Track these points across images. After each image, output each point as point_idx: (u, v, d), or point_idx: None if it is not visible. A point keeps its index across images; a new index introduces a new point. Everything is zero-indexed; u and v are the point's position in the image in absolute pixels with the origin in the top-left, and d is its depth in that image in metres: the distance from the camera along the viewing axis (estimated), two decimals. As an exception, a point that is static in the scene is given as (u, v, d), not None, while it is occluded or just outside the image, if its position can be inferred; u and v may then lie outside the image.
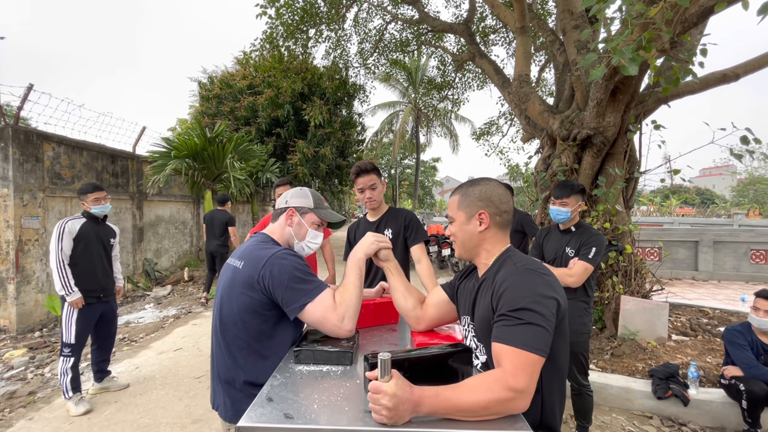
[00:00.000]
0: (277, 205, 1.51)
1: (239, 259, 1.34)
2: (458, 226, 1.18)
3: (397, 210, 2.32)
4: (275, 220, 1.49)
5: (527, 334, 0.95)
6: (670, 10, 2.43)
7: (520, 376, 0.91)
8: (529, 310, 0.96)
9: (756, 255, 8.14)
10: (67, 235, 2.94)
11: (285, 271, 1.23)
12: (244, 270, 1.28)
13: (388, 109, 23.95)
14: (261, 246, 1.34)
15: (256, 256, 1.29)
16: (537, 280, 1.03)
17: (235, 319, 1.28)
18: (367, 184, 2.16)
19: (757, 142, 2.90)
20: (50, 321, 5.22)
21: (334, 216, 1.52)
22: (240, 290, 1.27)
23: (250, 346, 1.28)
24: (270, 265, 1.24)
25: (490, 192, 1.15)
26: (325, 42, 8.24)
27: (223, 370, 1.32)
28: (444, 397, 0.88)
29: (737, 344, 2.64)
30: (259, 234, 1.45)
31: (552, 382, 1.05)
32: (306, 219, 1.46)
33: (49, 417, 2.90)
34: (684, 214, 27.80)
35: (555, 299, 1.00)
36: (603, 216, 3.96)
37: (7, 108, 7.80)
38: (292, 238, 1.46)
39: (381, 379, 0.87)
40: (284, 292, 1.22)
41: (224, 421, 1.35)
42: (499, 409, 0.89)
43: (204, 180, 7.04)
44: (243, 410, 1.19)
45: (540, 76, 8.70)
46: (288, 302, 1.22)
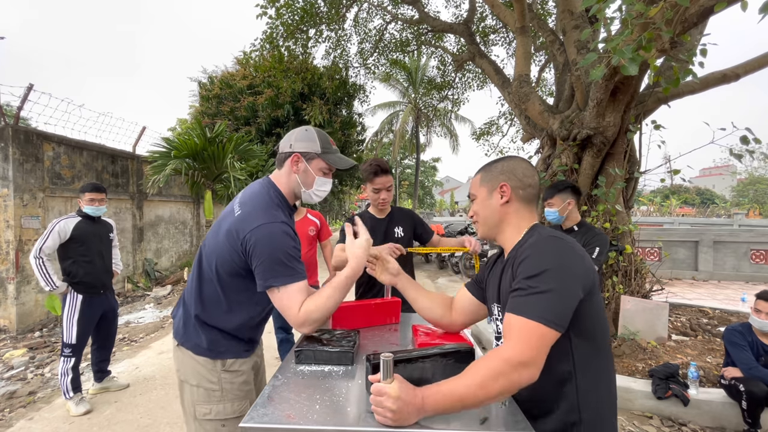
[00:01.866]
0: (281, 148, 1.38)
1: (239, 205, 1.27)
2: (480, 202, 1.12)
3: (401, 208, 2.32)
4: (280, 166, 1.37)
5: (538, 304, 0.87)
6: (670, 10, 2.43)
7: (519, 346, 0.84)
8: (545, 277, 0.88)
9: (756, 255, 8.14)
10: (55, 236, 2.90)
11: (270, 246, 1.17)
12: (237, 220, 1.22)
13: (388, 109, 23.93)
14: (263, 202, 1.26)
15: (252, 213, 1.21)
16: (561, 246, 0.94)
17: (210, 259, 1.27)
18: (385, 185, 2.13)
19: (757, 142, 2.90)
20: (50, 321, 5.22)
21: (344, 161, 1.40)
22: (225, 235, 1.23)
23: (215, 290, 1.27)
24: (260, 233, 1.17)
25: (514, 165, 1.10)
26: (325, 42, 8.24)
27: (188, 292, 1.34)
28: (446, 389, 0.85)
29: (737, 344, 2.64)
30: (265, 181, 1.37)
31: (589, 364, 0.94)
32: (313, 165, 1.34)
33: (49, 417, 2.90)
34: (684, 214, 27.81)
35: (581, 268, 0.92)
36: (603, 216, 3.96)
37: (7, 108, 7.79)
38: (298, 186, 1.35)
39: (384, 381, 0.86)
40: (259, 264, 1.17)
41: (173, 336, 1.36)
42: (501, 386, 0.82)
43: (204, 180, 7.03)
44: (189, 335, 1.30)
45: (540, 76, 8.69)
46: (259, 275, 1.19)
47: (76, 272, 2.98)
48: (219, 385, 1.28)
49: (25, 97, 5.04)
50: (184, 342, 1.31)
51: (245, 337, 1.35)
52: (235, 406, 1.29)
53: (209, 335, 1.29)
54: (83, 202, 3.04)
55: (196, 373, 1.28)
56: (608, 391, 1.00)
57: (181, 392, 1.34)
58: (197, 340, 1.29)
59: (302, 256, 3.43)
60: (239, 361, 1.32)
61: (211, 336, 1.29)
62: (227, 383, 1.29)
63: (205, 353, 1.28)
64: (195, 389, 1.28)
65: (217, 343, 1.29)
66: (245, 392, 1.32)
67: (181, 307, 1.38)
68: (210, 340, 1.28)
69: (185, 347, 1.31)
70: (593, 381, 0.95)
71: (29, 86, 5.05)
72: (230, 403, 1.28)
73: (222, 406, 1.27)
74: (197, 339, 1.29)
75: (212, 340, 1.29)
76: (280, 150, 1.38)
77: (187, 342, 1.30)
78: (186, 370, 1.30)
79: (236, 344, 1.32)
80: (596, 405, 0.95)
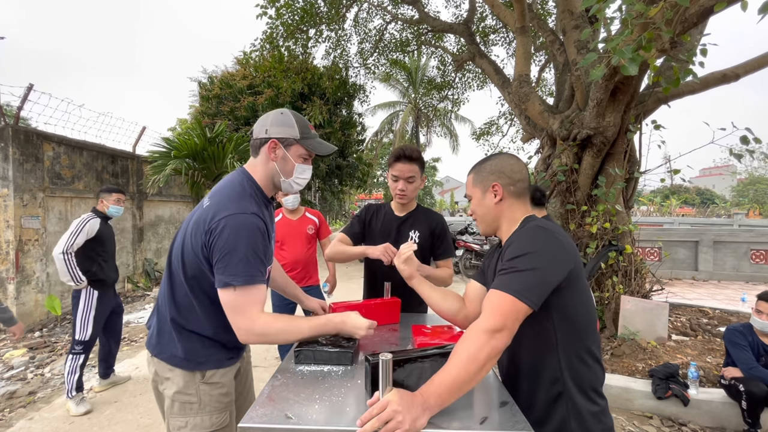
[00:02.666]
0: (255, 133, 1.26)
1: (209, 197, 1.18)
2: (476, 202, 1.20)
3: (428, 211, 1.99)
4: (255, 154, 1.26)
5: (515, 280, 0.96)
6: (670, 10, 2.43)
7: (492, 316, 0.93)
8: (525, 258, 0.98)
9: (756, 255, 8.14)
10: (84, 234, 2.98)
11: (235, 239, 1.07)
12: (205, 211, 1.13)
13: (388, 109, 23.93)
14: (234, 192, 1.16)
15: (220, 204, 1.12)
16: (544, 233, 1.03)
17: (177, 257, 1.18)
18: (405, 174, 1.81)
19: (757, 141, 2.90)
20: (50, 321, 5.22)
21: (325, 146, 1.30)
22: (193, 228, 1.14)
23: (185, 292, 1.17)
24: (226, 222, 1.07)
25: (501, 164, 1.17)
26: (325, 42, 8.24)
27: (161, 297, 1.24)
28: (439, 378, 0.89)
29: (738, 344, 2.64)
30: (238, 171, 1.27)
31: (569, 342, 1.03)
32: (291, 152, 1.24)
33: (49, 417, 2.90)
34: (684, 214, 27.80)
35: (561, 254, 1.00)
36: (603, 216, 3.96)
37: (7, 108, 7.80)
38: (277, 175, 1.25)
39: (384, 390, 0.86)
40: (220, 258, 1.07)
41: (146, 346, 1.26)
42: (486, 354, 0.89)
43: (204, 180, 7.03)
44: (164, 345, 1.20)
45: (540, 76, 8.70)
46: (217, 270, 1.08)
47: (95, 270, 3.06)
48: (197, 397, 1.18)
49: (25, 97, 5.04)
50: (158, 353, 1.21)
51: (226, 342, 1.22)
52: (214, 418, 1.19)
53: (186, 343, 1.18)
54: (108, 203, 3.17)
55: (171, 384, 1.18)
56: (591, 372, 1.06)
57: (158, 402, 1.27)
58: (173, 350, 1.18)
59: (301, 255, 3.38)
60: (220, 371, 1.22)
61: (188, 344, 1.18)
62: (206, 395, 1.19)
63: (182, 364, 1.17)
64: (169, 402, 1.19)
65: (195, 353, 1.18)
66: (225, 404, 1.23)
67: (155, 315, 1.27)
68: (187, 349, 1.18)
69: (160, 358, 1.20)
70: (571, 356, 1.03)
71: (29, 86, 5.05)
72: (208, 416, 1.18)
73: (200, 419, 1.18)
74: (173, 349, 1.18)
75: (189, 349, 1.18)
76: (255, 136, 1.26)
77: (162, 353, 1.20)
78: (161, 381, 1.21)
79: (217, 352, 1.21)
80: (577, 378, 1.03)
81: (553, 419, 1.03)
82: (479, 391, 1.05)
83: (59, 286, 5.54)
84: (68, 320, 5.39)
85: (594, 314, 1.11)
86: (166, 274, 1.23)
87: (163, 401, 1.23)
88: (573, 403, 1.02)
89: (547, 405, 1.04)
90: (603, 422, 1.05)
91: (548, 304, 1.00)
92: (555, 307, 1.01)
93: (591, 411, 1.03)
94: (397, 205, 1.97)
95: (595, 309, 1.10)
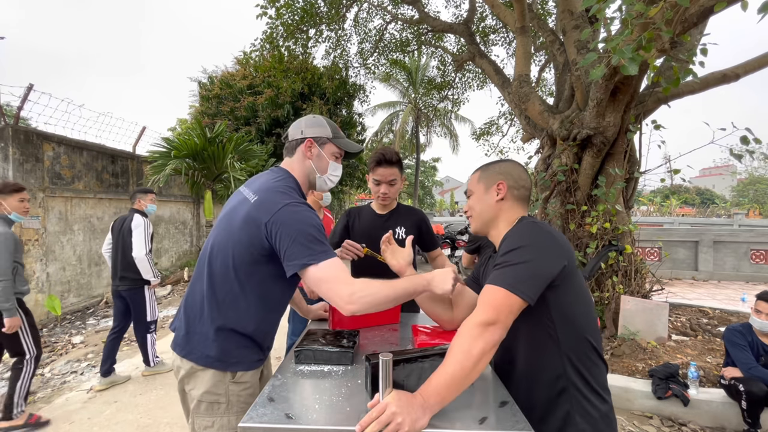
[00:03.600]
0: (291, 136, 1.34)
1: (254, 192, 1.20)
2: (477, 197, 1.20)
3: (409, 208, 2.09)
4: (290, 154, 1.33)
5: (508, 274, 0.97)
6: (670, 10, 2.43)
7: (485, 310, 0.93)
8: (519, 252, 0.98)
9: (756, 255, 8.14)
10: (149, 233, 3.46)
11: (299, 224, 1.11)
12: (255, 206, 1.15)
13: (388, 109, 23.92)
14: (281, 186, 1.20)
15: (272, 197, 1.15)
16: (538, 229, 1.05)
17: (225, 253, 1.18)
18: (387, 178, 1.89)
19: (757, 142, 2.90)
20: (50, 321, 5.22)
21: (354, 145, 1.41)
22: (242, 224, 1.16)
23: (232, 288, 1.18)
24: (285, 213, 1.11)
25: (510, 168, 1.20)
26: (325, 42, 8.24)
27: (193, 300, 1.23)
28: (436, 376, 0.89)
29: (737, 344, 2.64)
30: (277, 169, 1.32)
31: (571, 339, 1.04)
32: (325, 150, 1.33)
33: (49, 417, 2.90)
34: (684, 214, 27.82)
35: (555, 250, 1.00)
36: (603, 216, 3.96)
37: (7, 108, 7.79)
38: (313, 172, 1.33)
39: (384, 391, 0.86)
40: (290, 244, 1.09)
41: (173, 348, 1.26)
42: (480, 347, 0.89)
43: (204, 180, 7.03)
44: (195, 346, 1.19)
45: (540, 76, 8.70)
46: (290, 256, 1.09)
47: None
48: (225, 397, 1.19)
49: (25, 97, 5.04)
50: (188, 354, 1.21)
51: (262, 341, 1.27)
52: (240, 418, 1.23)
53: (223, 343, 1.19)
54: (146, 202, 3.62)
55: (201, 384, 1.19)
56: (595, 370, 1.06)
57: (182, 402, 1.29)
58: (205, 350, 1.19)
59: None
60: (249, 373, 1.23)
61: (224, 344, 1.19)
62: (234, 396, 1.20)
63: (214, 364, 1.19)
64: (196, 402, 1.20)
65: (229, 353, 1.19)
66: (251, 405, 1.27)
67: (182, 317, 1.27)
68: (222, 350, 1.19)
69: (189, 359, 1.21)
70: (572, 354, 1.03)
71: (29, 86, 5.05)
72: (235, 417, 1.19)
73: (227, 419, 1.19)
74: (205, 349, 1.19)
75: (225, 349, 1.19)
76: (290, 138, 1.34)
77: (192, 353, 1.20)
78: (189, 380, 1.22)
79: (250, 353, 1.23)
80: (583, 373, 1.03)
81: (557, 415, 1.03)
82: (479, 391, 1.05)
83: (59, 286, 5.54)
84: (68, 320, 5.39)
85: (593, 310, 1.12)
86: (206, 276, 1.21)
87: (187, 402, 1.24)
88: (578, 398, 1.02)
89: (550, 401, 1.04)
90: (609, 417, 1.05)
91: (546, 302, 1.00)
92: (553, 305, 1.02)
93: (597, 406, 1.03)
94: (379, 205, 2.05)
95: (594, 305, 1.11)
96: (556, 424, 1.03)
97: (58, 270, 5.54)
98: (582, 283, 1.08)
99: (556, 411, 1.03)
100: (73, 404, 3.08)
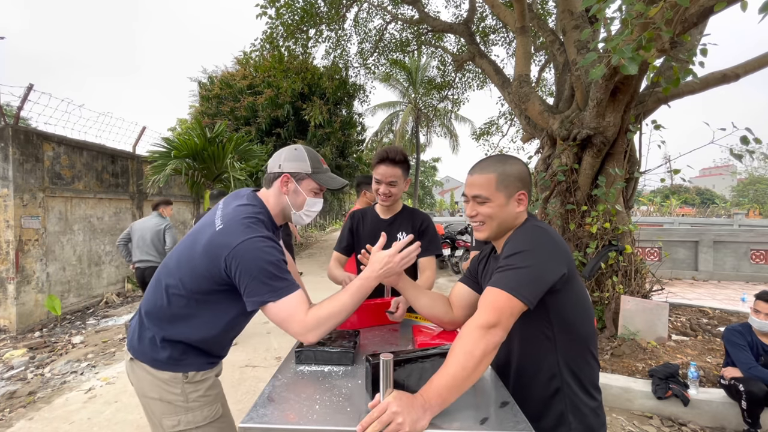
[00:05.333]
0: (270, 168, 1.32)
1: (221, 218, 1.19)
2: (497, 207, 1.11)
3: (413, 211, 2.00)
4: (268, 185, 1.32)
5: (510, 277, 0.97)
6: (670, 10, 2.43)
7: (486, 313, 0.94)
8: (521, 256, 0.99)
9: (756, 255, 8.13)
10: None
11: (257, 260, 1.09)
12: (218, 234, 1.14)
13: (388, 109, 23.93)
14: (248, 218, 1.17)
15: (235, 229, 1.13)
16: (540, 232, 1.05)
17: (184, 272, 1.18)
18: (387, 178, 1.80)
19: (757, 142, 2.90)
20: (50, 321, 5.22)
21: (335, 181, 1.36)
22: (203, 251, 1.14)
23: (186, 305, 1.18)
24: (243, 248, 1.09)
25: (523, 171, 1.15)
26: (325, 42, 8.24)
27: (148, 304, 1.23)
28: (438, 377, 0.89)
29: (737, 344, 2.64)
30: (252, 196, 1.29)
31: (568, 341, 1.05)
32: (303, 186, 1.30)
33: (49, 417, 2.90)
34: (684, 214, 27.81)
35: (556, 254, 1.01)
36: (603, 216, 3.96)
37: (7, 108, 7.80)
38: (288, 207, 1.31)
39: (384, 392, 0.86)
40: (249, 281, 1.10)
41: (127, 347, 1.26)
42: (482, 349, 0.89)
43: (204, 180, 7.03)
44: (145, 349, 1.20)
45: (540, 76, 8.70)
46: (250, 293, 1.11)
47: None
48: (183, 396, 1.19)
49: (25, 97, 5.04)
50: (139, 356, 1.21)
51: (209, 350, 1.25)
52: (205, 412, 1.21)
53: (171, 351, 1.19)
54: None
55: (155, 386, 1.19)
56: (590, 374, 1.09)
57: (144, 406, 1.24)
58: (155, 354, 1.19)
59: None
60: (201, 372, 1.23)
61: (173, 351, 1.19)
62: (192, 392, 1.20)
63: (164, 367, 1.19)
64: (157, 402, 1.19)
65: (178, 359, 1.19)
66: (213, 396, 1.25)
67: (137, 318, 1.26)
68: (170, 356, 1.19)
69: (141, 361, 1.20)
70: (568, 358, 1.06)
71: (29, 86, 5.05)
72: (199, 411, 1.20)
73: (191, 415, 1.19)
74: (155, 353, 1.19)
75: (173, 356, 1.19)
76: (269, 170, 1.32)
77: (143, 356, 1.20)
78: (143, 385, 1.21)
79: (198, 358, 1.23)
80: (578, 373, 1.06)
81: (551, 414, 1.05)
82: (479, 391, 1.05)
83: (59, 286, 5.54)
84: (68, 320, 5.39)
85: (591, 312, 1.12)
86: (162, 285, 1.21)
87: (148, 405, 1.23)
88: (572, 398, 1.04)
89: (544, 401, 1.05)
90: (599, 416, 1.07)
91: (545, 305, 1.01)
92: (552, 308, 1.03)
93: (589, 405, 1.05)
94: (382, 207, 1.95)
95: (592, 306, 1.12)
96: (550, 424, 1.05)
97: (58, 270, 5.53)
98: (580, 285, 1.09)
99: (550, 411, 1.05)
100: (73, 404, 3.08)
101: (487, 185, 1.12)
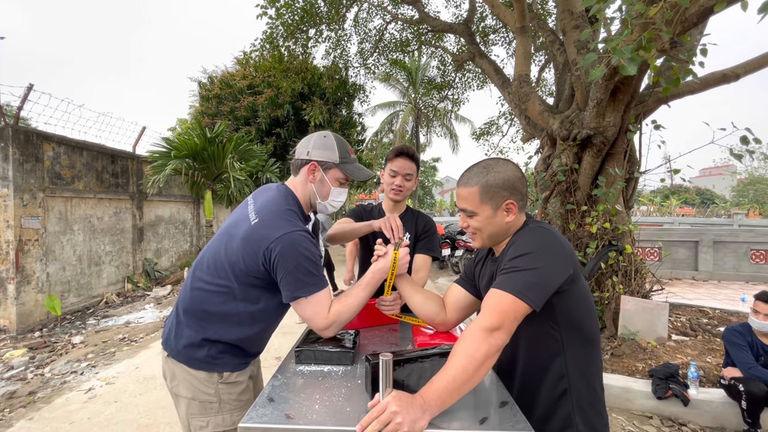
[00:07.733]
0: (297, 154, 1.32)
1: (256, 212, 1.20)
2: (485, 220, 1.10)
3: (418, 213, 2.04)
4: (295, 173, 1.32)
5: (515, 280, 0.95)
6: (670, 10, 2.43)
7: (489, 315, 0.92)
8: (527, 258, 0.97)
9: (756, 255, 8.13)
10: None
11: (295, 257, 1.12)
12: (255, 229, 1.15)
13: (388, 109, 23.92)
14: (282, 210, 1.19)
15: (272, 221, 1.15)
16: (544, 234, 1.04)
17: (224, 267, 1.19)
18: (404, 170, 1.85)
19: (757, 142, 2.90)
20: (50, 321, 5.22)
21: (362, 172, 1.34)
22: (240, 245, 1.16)
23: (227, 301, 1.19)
24: (283, 242, 1.11)
25: (509, 177, 1.08)
26: (325, 42, 8.24)
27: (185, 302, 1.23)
28: (438, 378, 0.88)
29: (737, 344, 2.64)
30: (283, 188, 1.30)
31: (574, 342, 1.04)
32: (329, 175, 1.30)
33: (49, 417, 2.90)
34: (684, 214, 27.81)
35: (561, 255, 1.00)
36: (603, 216, 3.96)
37: (7, 108, 7.80)
38: (314, 196, 1.31)
39: (384, 391, 0.86)
40: (285, 275, 1.13)
41: (162, 345, 1.27)
42: (484, 352, 0.88)
43: (204, 180, 7.03)
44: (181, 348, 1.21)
45: (540, 76, 8.69)
46: (285, 287, 1.15)
47: None
48: (216, 396, 1.20)
49: (25, 97, 5.04)
50: (175, 355, 1.22)
51: (250, 350, 1.28)
52: (235, 416, 1.21)
53: (209, 350, 1.20)
54: None
55: (190, 385, 1.20)
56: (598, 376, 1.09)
57: (176, 404, 1.26)
58: (191, 353, 1.20)
59: None
60: (236, 373, 1.25)
61: (210, 350, 1.20)
62: (225, 394, 1.21)
63: (201, 366, 1.20)
64: (189, 402, 1.20)
65: (215, 358, 1.21)
66: (244, 402, 1.25)
67: (174, 316, 1.28)
68: (208, 355, 1.20)
69: (177, 360, 1.22)
70: (577, 361, 1.05)
71: (29, 86, 5.05)
72: (229, 414, 1.21)
73: (221, 418, 1.20)
74: (192, 352, 1.20)
75: (210, 354, 1.20)
76: (297, 156, 1.32)
77: (180, 355, 1.21)
78: (178, 383, 1.22)
79: (237, 358, 1.24)
80: (583, 381, 1.05)
81: (558, 415, 1.03)
82: (479, 391, 1.05)
83: (59, 286, 5.54)
84: (68, 320, 5.39)
85: (595, 311, 1.12)
86: (197, 284, 1.22)
87: (180, 404, 1.23)
88: (578, 399, 1.03)
89: (551, 402, 1.04)
90: (603, 416, 1.07)
91: (552, 305, 1.00)
92: (558, 309, 1.02)
93: (594, 406, 1.05)
94: (389, 206, 1.98)
95: (594, 304, 1.11)
96: (557, 426, 1.03)
97: (58, 270, 5.54)
98: (584, 284, 1.08)
99: (557, 412, 1.04)
100: (73, 404, 3.08)
101: (471, 199, 1.10)
